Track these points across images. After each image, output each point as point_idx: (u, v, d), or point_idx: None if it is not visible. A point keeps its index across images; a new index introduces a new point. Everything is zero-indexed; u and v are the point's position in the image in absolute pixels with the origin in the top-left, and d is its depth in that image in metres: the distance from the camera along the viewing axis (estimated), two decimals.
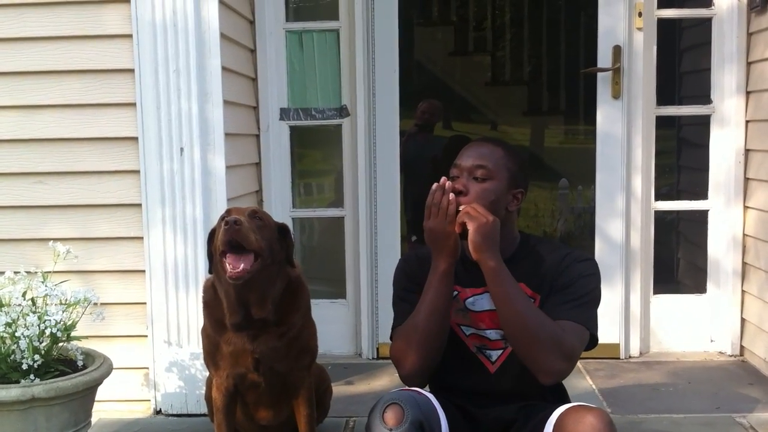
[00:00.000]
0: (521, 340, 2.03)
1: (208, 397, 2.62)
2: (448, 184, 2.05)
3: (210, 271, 2.41)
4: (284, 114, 3.81)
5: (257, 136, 3.76)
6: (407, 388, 2.11)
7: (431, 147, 5.38)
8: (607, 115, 3.74)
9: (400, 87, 3.80)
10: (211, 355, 2.46)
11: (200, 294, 2.77)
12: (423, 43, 7.98)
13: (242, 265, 2.19)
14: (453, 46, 8.32)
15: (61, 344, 2.62)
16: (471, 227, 2.02)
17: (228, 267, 2.20)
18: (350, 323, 3.88)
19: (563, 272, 2.13)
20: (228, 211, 2.31)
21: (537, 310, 2.06)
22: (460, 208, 2.05)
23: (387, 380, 3.47)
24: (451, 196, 2.04)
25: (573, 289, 2.11)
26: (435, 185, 2.06)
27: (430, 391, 2.18)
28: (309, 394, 2.53)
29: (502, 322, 2.07)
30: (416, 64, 7.57)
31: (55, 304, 2.60)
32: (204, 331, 2.50)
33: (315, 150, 4.20)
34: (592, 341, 2.13)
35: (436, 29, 8.35)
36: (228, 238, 2.18)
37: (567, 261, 2.15)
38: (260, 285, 2.29)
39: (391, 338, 2.21)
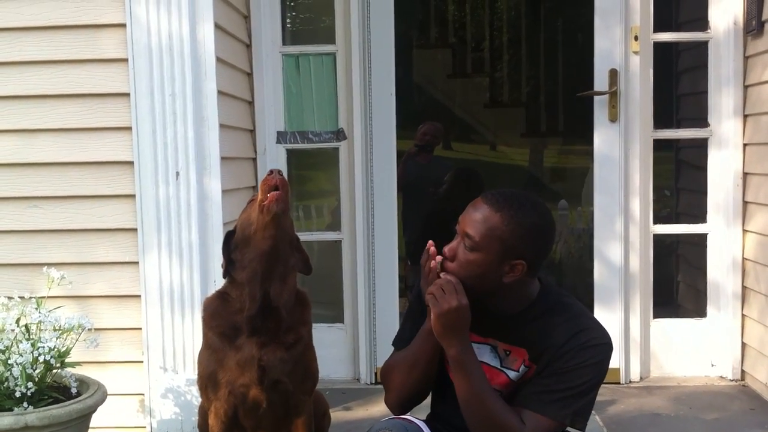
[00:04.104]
0: (476, 429, 1.98)
1: (202, 426, 2.58)
2: (432, 250, 1.97)
3: (224, 276, 2.40)
4: (281, 137, 3.80)
5: (254, 160, 3.75)
6: (398, 416, 2.09)
7: (431, 168, 5.36)
8: (604, 139, 3.73)
9: (397, 109, 3.79)
10: (212, 375, 2.40)
11: (196, 319, 2.75)
12: (421, 65, 8.02)
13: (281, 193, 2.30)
14: (451, 68, 8.36)
15: (55, 371, 2.60)
16: (432, 313, 1.92)
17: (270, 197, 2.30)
18: (348, 347, 3.85)
19: (563, 356, 1.95)
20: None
21: (497, 401, 1.95)
22: (441, 274, 1.94)
23: (385, 406, 3.42)
24: (433, 262, 1.95)
25: (566, 377, 1.94)
26: (429, 244, 1.99)
27: (424, 420, 2.15)
28: (309, 421, 2.50)
29: (461, 406, 1.99)
30: (415, 86, 7.60)
31: (49, 331, 2.58)
32: (205, 350, 2.44)
33: (312, 173, 4.19)
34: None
35: (434, 51, 8.40)
36: (275, 182, 2.31)
37: (573, 344, 1.95)
38: (280, 259, 2.34)
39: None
